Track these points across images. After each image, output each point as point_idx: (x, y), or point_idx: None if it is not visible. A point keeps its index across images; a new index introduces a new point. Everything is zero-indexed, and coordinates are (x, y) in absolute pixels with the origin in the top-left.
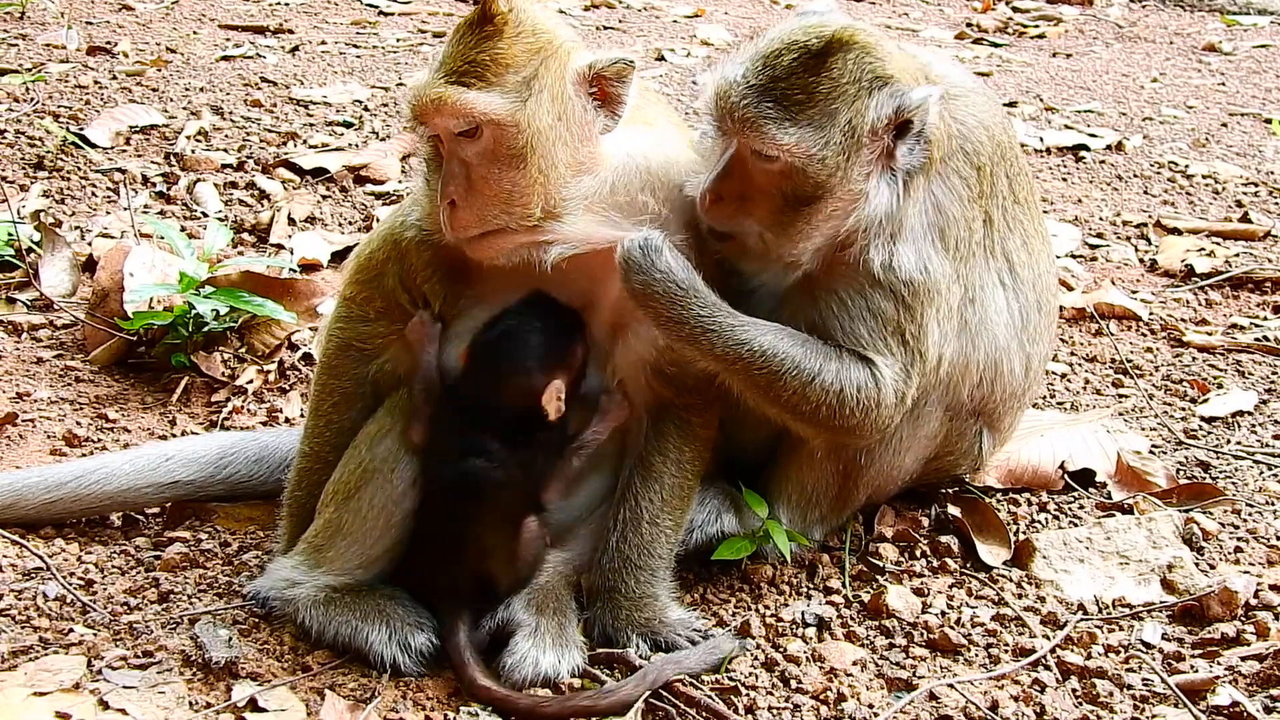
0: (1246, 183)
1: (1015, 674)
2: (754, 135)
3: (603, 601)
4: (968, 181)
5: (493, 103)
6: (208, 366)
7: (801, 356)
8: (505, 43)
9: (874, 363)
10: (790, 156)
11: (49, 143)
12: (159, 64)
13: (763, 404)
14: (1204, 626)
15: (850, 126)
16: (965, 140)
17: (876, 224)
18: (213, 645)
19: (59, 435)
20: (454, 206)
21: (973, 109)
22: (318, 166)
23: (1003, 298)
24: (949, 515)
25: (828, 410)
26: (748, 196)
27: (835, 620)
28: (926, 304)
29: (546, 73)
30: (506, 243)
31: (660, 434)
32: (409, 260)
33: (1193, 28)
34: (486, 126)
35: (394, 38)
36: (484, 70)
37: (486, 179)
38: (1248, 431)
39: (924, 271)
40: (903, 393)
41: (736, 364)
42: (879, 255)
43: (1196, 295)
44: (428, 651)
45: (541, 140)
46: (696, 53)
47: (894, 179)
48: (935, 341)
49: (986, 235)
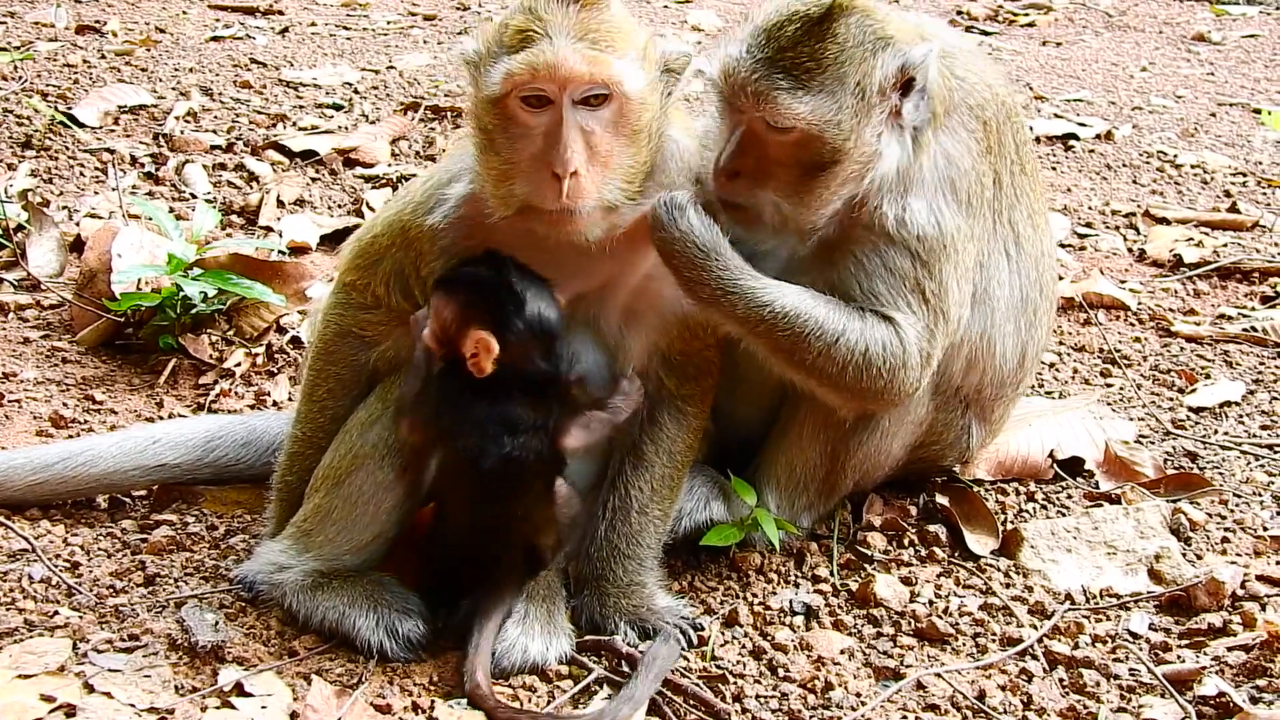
0: (1235, 172)
1: (1002, 663)
2: (768, 108)
3: (591, 589)
4: (974, 135)
5: (629, 72)
6: (195, 349)
7: (825, 317)
8: (616, 17)
9: (896, 321)
10: (806, 125)
11: (37, 122)
12: (148, 44)
13: (788, 369)
14: (1191, 617)
15: (860, 89)
16: (967, 95)
17: (889, 181)
18: (199, 629)
19: (45, 416)
20: (576, 176)
21: (971, 66)
22: (307, 149)
23: (1006, 271)
24: (937, 504)
25: (855, 372)
26: (763, 170)
27: (823, 609)
28: (943, 260)
29: (651, 52)
30: (606, 219)
31: (655, 423)
32: (418, 247)
33: (1182, 17)
34: (618, 97)
35: (384, 20)
36: (612, 38)
37: (609, 150)
38: (1235, 422)
39: (937, 226)
40: (927, 353)
41: (759, 327)
42: (892, 210)
43: (1185, 285)
44: (415, 637)
45: (650, 117)
46: (687, 38)
47: (903, 136)
48: (956, 301)
49: (996, 198)
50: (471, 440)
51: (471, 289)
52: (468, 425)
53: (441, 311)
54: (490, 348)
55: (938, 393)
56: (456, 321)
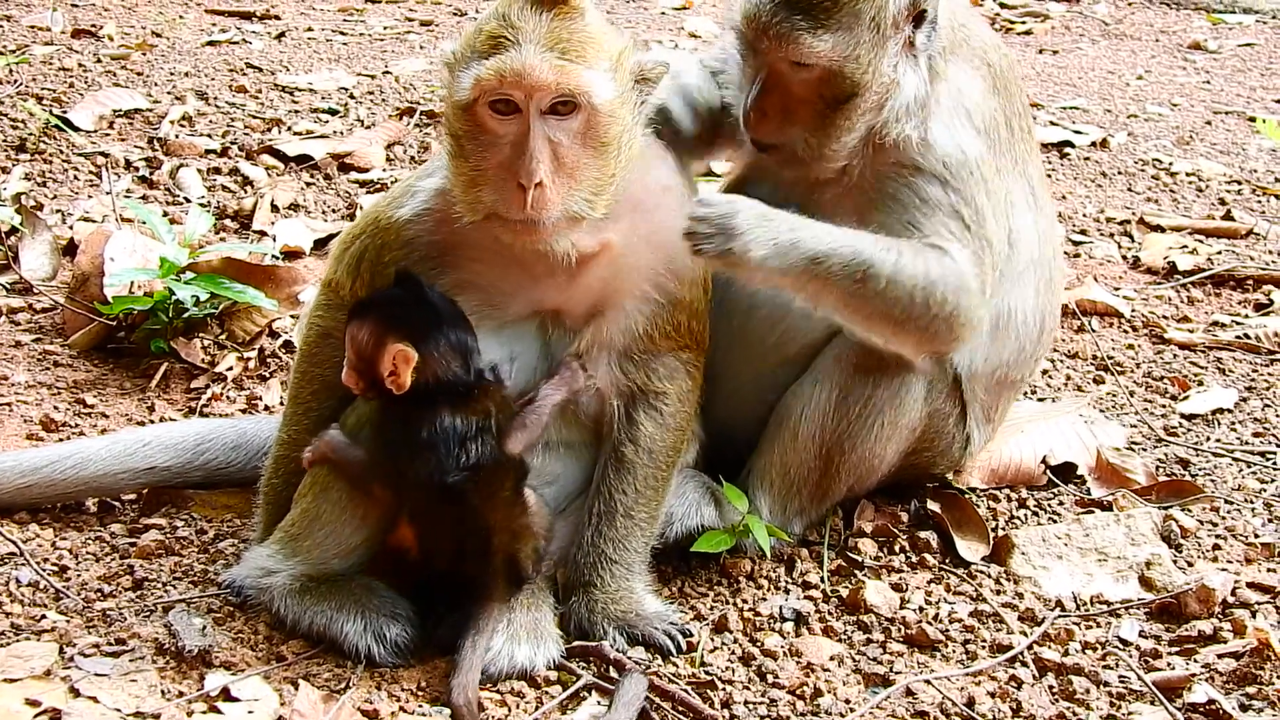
0: (1230, 180)
1: (992, 670)
2: (791, 48)
3: (579, 595)
4: (980, 73)
5: (597, 82)
6: (187, 353)
7: (880, 253)
8: (590, 27)
9: (945, 249)
10: (827, 61)
11: (31, 125)
12: (144, 48)
13: (852, 318)
14: (1181, 624)
15: (875, 22)
16: (970, 35)
17: (908, 109)
18: (186, 633)
19: (36, 420)
20: (541, 187)
21: (971, 19)
22: (302, 153)
23: (1030, 223)
24: (928, 511)
25: (921, 303)
26: (788, 107)
27: (813, 615)
28: (973, 185)
29: (623, 64)
30: (571, 228)
31: (632, 424)
32: (385, 238)
33: (1178, 25)
34: (586, 107)
35: (381, 25)
36: (583, 48)
37: (576, 162)
38: (1227, 429)
39: (960, 150)
40: (982, 280)
41: (818, 278)
42: (915, 134)
43: (1179, 292)
44: (403, 643)
45: (620, 129)
46: (684, 44)
47: (918, 65)
48: (994, 228)
49: (1010, 143)
50: (428, 463)
51: (381, 307)
52: (418, 451)
53: (356, 336)
54: (408, 358)
55: (933, 390)
56: (371, 340)
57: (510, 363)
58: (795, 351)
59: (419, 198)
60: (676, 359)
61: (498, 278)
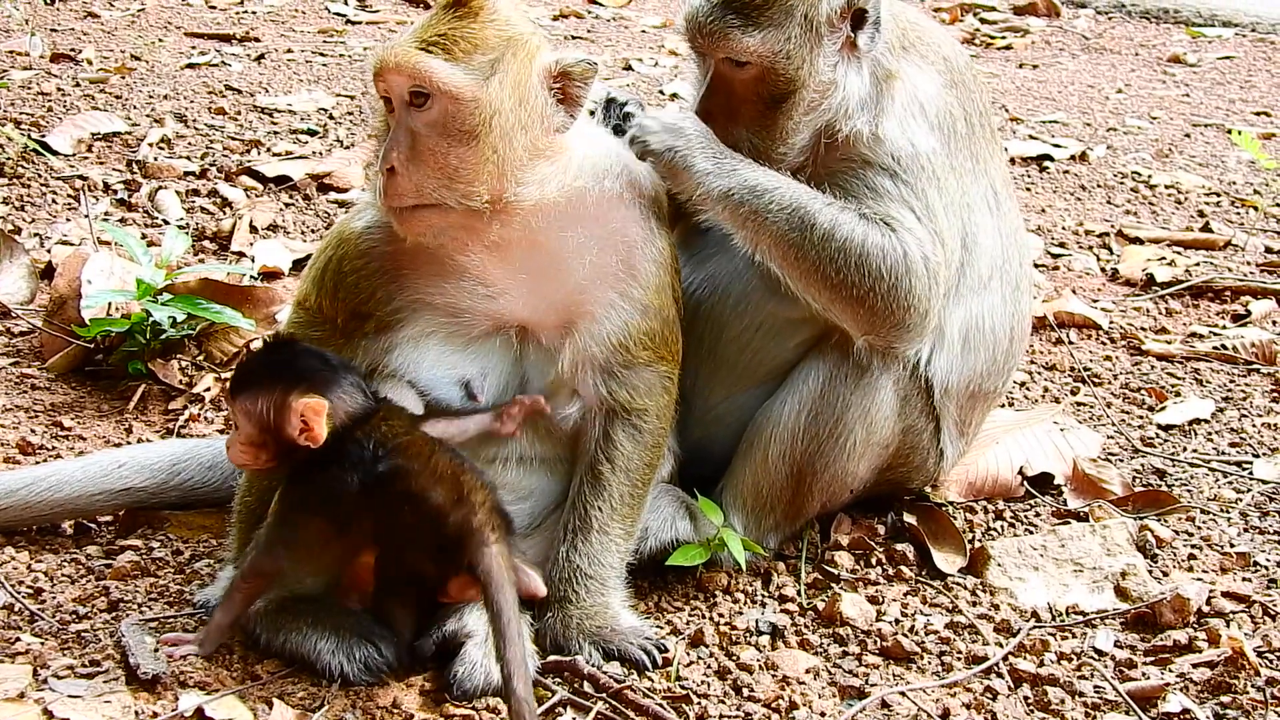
0: (1209, 192)
1: (967, 681)
2: (724, 45)
3: (554, 611)
4: (936, 67)
5: (453, 75)
6: (165, 374)
7: (822, 206)
8: (478, 25)
9: (892, 225)
10: (759, 59)
11: (10, 149)
12: (123, 71)
13: (790, 273)
14: (1156, 634)
15: (806, 20)
16: (923, 34)
17: (855, 108)
18: (140, 655)
19: (13, 443)
20: (392, 173)
21: (923, 21)
22: (281, 174)
23: (991, 227)
24: (905, 523)
25: (858, 269)
26: (732, 107)
27: (789, 628)
28: (925, 181)
29: (514, 61)
30: (440, 220)
31: (610, 440)
32: (345, 249)
33: (1158, 39)
34: (441, 98)
35: (361, 46)
36: (452, 44)
37: (432, 151)
38: (1204, 439)
39: (912, 145)
40: (931, 263)
41: (757, 217)
42: (866, 129)
43: (1156, 304)
44: (374, 664)
45: (498, 122)
46: (664, 62)
47: (860, 66)
48: (945, 225)
49: (969, 139)
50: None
51: (269, 370)
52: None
53: (250, 409)
54: (318, 409)
55: (906, 407)
56: (271, 406)
57: (482, 378)
58: (765, 373)
59: (374, 209)
60: (655, 373)
61: (452, 289)
